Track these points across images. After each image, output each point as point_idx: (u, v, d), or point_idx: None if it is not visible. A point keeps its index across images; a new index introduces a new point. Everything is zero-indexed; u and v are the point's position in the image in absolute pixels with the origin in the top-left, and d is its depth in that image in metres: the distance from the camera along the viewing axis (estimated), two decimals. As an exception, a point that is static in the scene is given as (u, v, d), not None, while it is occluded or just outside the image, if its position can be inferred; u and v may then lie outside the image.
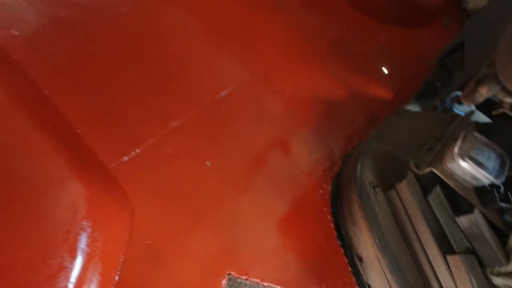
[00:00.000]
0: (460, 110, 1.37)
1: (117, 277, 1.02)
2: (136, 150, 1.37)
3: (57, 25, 1.65)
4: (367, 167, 1.21)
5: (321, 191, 1.38)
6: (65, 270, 0.85)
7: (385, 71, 1.86)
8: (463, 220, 0.96)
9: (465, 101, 1.17)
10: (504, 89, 0.99)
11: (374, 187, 1.17)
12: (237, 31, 1.97)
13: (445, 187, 1.03)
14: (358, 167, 1.21)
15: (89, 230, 0.92)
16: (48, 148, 1.01)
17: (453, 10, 2.14)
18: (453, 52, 1.76)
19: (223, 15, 2.02)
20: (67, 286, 0.86)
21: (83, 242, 0.90)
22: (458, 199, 1.01)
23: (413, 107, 1.64)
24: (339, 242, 1.26)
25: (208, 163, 1.42)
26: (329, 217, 1.32)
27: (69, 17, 1.69)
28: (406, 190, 1.07)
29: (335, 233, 1.28)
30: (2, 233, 0.87)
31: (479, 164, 0.94)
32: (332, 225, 1.30)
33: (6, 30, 1.50)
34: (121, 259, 1.05)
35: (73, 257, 0.87)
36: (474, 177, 0.96)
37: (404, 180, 1.08)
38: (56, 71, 1.50)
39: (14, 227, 0.88)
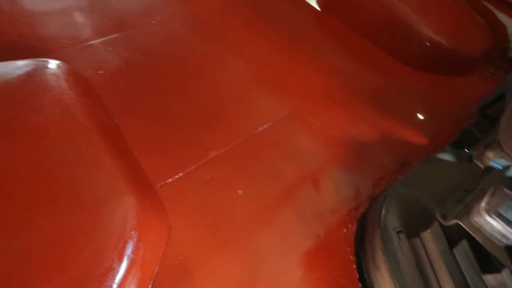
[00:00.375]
0: (497, 163, 1.34)
1: (150, 286, 1.16)
2: (179, 173, 1.56)
3: (130, 65, 2.04)
4: (392, 212, 1.23)
5: (345, 231, 1.40)
6: (113, 272, 1.01)
7: (421, 117, 1.88)
8: (490, 279, 0.93)
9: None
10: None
11: (398, 232, 1.18)
12: (278, 73, 2.18)
13: (473, 242, 1.01)
14: (383, 211, 1.24)
15: (135, 239, 1.09)
16: (113, 166, 1.24)
17: (497, 58, 2.12)
18: (496, 101, 1.74)
19: (266, 58, 2.27)
20: (112, 286, 1.01)
21: (129, 249, 1.07)
22: (486, 255, 0.99)
23: (448, 156, 1.62)
24: (360, 284, 1.26)
25: (240, 191, 1.54)
26: (351, 257, 1.33)
27: (141, 60, 2.08)
28: (430, 240, 1.07)
29: (357, 275, 1.28)
30: (68, 233, 1.07)
31: (507, 221, 0.93)
32: (354, 266, 1.31)
33: (94, 70, 1.90)
34: (155, 270, 1.20)
35: (120, 261, 1.03)
36: (503, 235, 0.94)
37: (429, 229, 1.08)
38: (124, 103, 1.82)
39: (78, 228, 1.08)
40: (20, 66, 1.61)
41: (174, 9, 2.67)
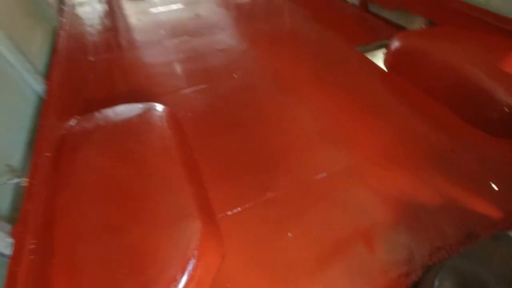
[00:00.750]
0: None
1: (200, 304, 1.32)
2: (238, 208, 1.77)
3: (212, 110, 2.48)
4: (447, 285, 1.17)
5: (392, 296, 1.34)
6: (175, 282, 1.23)
7: (495, 187, 1.73)
8: None
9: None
10: None
11: (451, 309, 1.11)
12: (342, 127, 2.31)
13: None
14: (437, 283, 1.18)
15: (195, 258, 1.30)
16: (189, 194, 1.52)
17: None
18: None
19: (332, 113, 2.44)
20: (173, 295, 1.21)
21: (190, 266, 1.28)
22: None
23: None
24: None
25: (290, 234, 1.65)
26: (397, 326, 1.26)
27: (221, 106, 2.52)
28: (488, 324, 0.99)
29: None
30: (149, 242, 1.35)
31: None
32: (399, 336, 1.23)
33: (185, 112, 2.38)
34: (207, 289, 1.36)
35: (182, 274, 1.25)
36: None
37: (488, 312, 1.00)
38: (203, 141, 2.20)
39: (156, 240, 1.35)
40: (137, 108, 2.16)
41: (254, 65, 3.15)
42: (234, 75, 2.98)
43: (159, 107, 2.13)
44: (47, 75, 2.05)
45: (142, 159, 1.61)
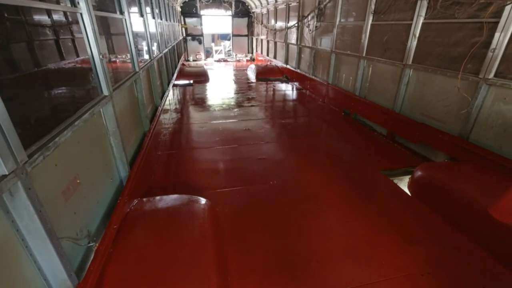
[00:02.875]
0: None
1: None
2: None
3: (246, 210, 2.84)
4: None
5: None
6: None
7: None
8: None
9: None
10: None
11: None
12: (365, 246, 2.41)
13: None
14: None
15: None
16: (213, 282, 1.74)
17: None
18: None
19: (357, 230, 2.60)
20: None
21: None
22: None
23: None
24: None
25: None
26: None
27: (254, 207, 2.88)
28: None
29: None
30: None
31: None
32: None
33: (222, 207, 2.79)
34: None
35: None
36: None
37: None
38: (235, 236, 2.48)
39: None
40: (185, 198, 2.63)
41: (289, 176, 3.61)
42: (270, 182, 3.44)
43: (203, 200, 2.58)
44: (131, 166, 2.74)
45: (182, 243, 1.94)
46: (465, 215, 2.54)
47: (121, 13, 3.13)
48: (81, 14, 1.89)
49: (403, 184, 3.44)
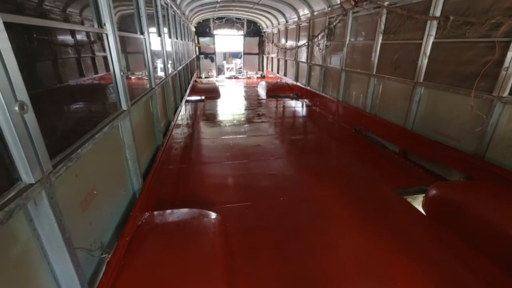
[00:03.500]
0: None
1: None
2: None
3: (255, 225, 2.82)
4: None
5: None
6: None
7: None
8: None
9: None
10: None
11: None
12: (379, 267, 2.33)
13: None
14: None
15: None
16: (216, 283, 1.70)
17: None
18: None
19: (370, 249, 2.53)
20: None
21: None
22: None
23: None
24: None
25: None
26: None
27: (263, 223, 2.85)
28: None
29: None
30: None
31: None
32: None
33: (231, 223, 2.78)
34: None
35: None
36: None
37: None
38: (243, 250, 2.45)
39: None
40: (195, 212, 2.64)
41: (299, 192, 3.59)
42: (280, 198, 3.42)
43: (212, 215, 2.58)
44: (144, 178, 2.80)
45: (192, 257, 1.93)
46: (481, 235, 2.45)
47: (142, 33, 3.31)
48: (106, 34, 2.02)
49: (417, 203, 3.35)
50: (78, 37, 1.91)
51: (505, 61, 2.91)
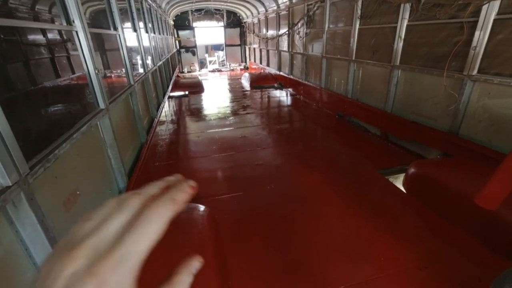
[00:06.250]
0: None
1: None
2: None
3: (245, 215, 2.88)
4: None
5: None
6: None
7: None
8: None
9: None
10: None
11: None
12: (363, 243, 2.44)
13: None
14: None
15: None
16: (215, 285, 1.76)
17: None
18: None
19: (354, 228, 2.63)
20: None
21: None
22: None
23: None
24: None
25: None
26: None
27: (254, 212, 2.91)
28: None
29: None
30: None
31: None
32: None
33: (221, 214, 2.82)
34: None
35: None
36: None
37: None
38: (234, 240, 2.51)
39: None
40: (184, 206, 2.67)
41: (287, 179, 3.66)
42: (268, 186, 3.49)
43: (201, 207, 2.62)
44: (129, 177, 2.79)
45: (181, 249, 1.97)
46: (457, 208, 2.59)
47: (115, 29, 3.23)
48: (76, 32, 1.98)
49: (399, 182, 3.50)
50: (50, 36, 1.86)
51: (473, 41, 3.03)
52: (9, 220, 1.18)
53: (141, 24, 5.29)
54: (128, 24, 4.35)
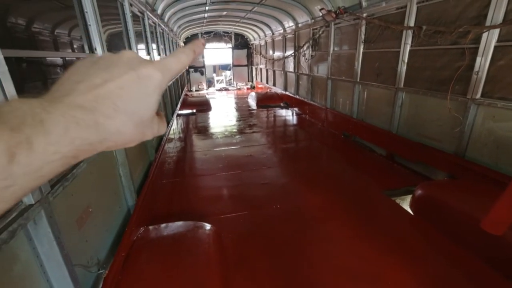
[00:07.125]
0: None
1: None
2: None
3: (250, 234, 2.88)
4: None
5: None
6: None
7: None
8: None
9: None
10: None
11: None
12: (370, 269, 2.39)
13: None
14: None
15: None
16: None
17: None
18: None
19: (361, 253, 2.62)
20: None
21: None
22: None
23: None
24: None
25: None
26: None
27: (259, 231, 2.92)
28: None
29: None
30: None
31: None
32: None
33: (227, 233, 2.83)
34: None
35: None
36: None
37: None
38: (239, 259, 2.51)
39: None
40: (190, 225, 2.69)
41: (292, 199, 3.67)
42: (273, 206, 3.50)
43: (207, 226, 2.64)
44: (138, 194, 2.85)
45: (187, 269, 1.99)
46: (464, 230, 2.57)
47: (130, 52, 3.42)
48: (96, 58, 2.12)
49: (405, 203, 3.47)
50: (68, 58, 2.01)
51: (475, 66, 3.11)
52: (28, 237, 1.24)
53: (154, 46, 5.55)
54: (142, 46, 4.58)
